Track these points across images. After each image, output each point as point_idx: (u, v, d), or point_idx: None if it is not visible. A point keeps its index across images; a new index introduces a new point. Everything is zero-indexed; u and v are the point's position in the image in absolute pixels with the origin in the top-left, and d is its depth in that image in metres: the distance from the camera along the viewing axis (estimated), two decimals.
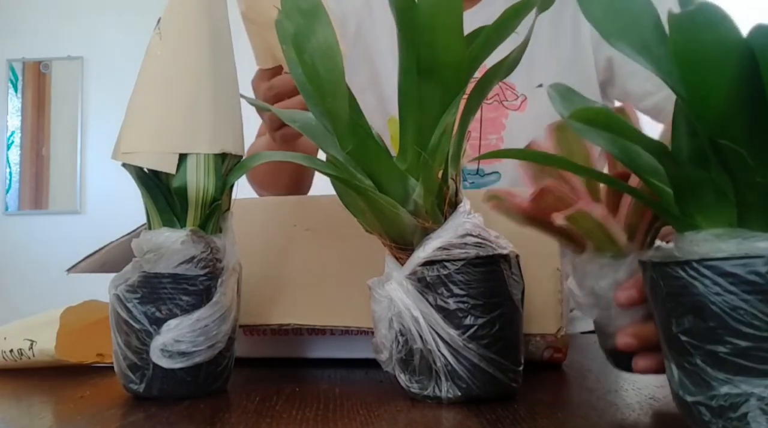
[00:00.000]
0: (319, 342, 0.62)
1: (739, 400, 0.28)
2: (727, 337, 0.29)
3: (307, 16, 0.43)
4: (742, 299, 0.28)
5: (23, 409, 0.46)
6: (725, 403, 0.29)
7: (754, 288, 0.28)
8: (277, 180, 0.92)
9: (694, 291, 0.29)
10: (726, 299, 0.29)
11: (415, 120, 0.44)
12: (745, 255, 0.28)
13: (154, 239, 0.45)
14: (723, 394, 0.29)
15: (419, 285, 0.43)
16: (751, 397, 0.28)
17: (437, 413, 0.41)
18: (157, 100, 0.46)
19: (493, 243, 0.44)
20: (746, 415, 0.28)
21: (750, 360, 0.28)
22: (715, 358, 0.29)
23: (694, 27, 0.27)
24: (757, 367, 0.28)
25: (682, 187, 0.32)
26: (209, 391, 0.47)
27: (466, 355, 0.42)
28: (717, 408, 0.29)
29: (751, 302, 0.28)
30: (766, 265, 0.28)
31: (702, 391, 0.30)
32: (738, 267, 0.28)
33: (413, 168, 0.44)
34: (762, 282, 0.28)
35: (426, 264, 0.43)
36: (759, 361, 0.28)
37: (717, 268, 0.29)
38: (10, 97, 3.35)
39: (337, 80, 0.42)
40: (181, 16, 0.47)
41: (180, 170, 0.45)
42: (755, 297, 0.28)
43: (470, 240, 0.43)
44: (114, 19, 3.27)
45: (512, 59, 0.45)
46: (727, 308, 0.28)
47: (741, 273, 0.28)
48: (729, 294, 0.28)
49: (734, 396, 0.29)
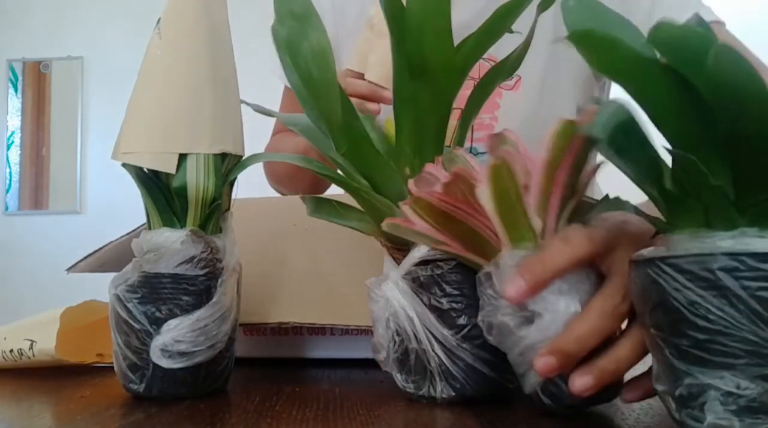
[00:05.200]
0: (319, 342, 0.62)
1: (698, 390, 0.30)
2: (688, 330, 0.30)
3: (300, 20, 0.43)
4: (698, 294, 0.30)
5: (23, 409, 0.46)
6: (686, 393, 0.30)
7: (708, 284, 0.29)
8: (296, 183, 0.97)
9: (659, 288, 0.31)
10: (684, 294, 0.30)
11: (410, 121, 0.44)
12: (699, 253, 0.30)
13: (154, 239, 0.45)
14: (686, 384, 0.30)
15: (414, 284, 0.43)
16: (709, 388, 0.29)
17: (436, 413, 0.41)
18: (157, 100, 0.46)
19: None
20: (704, 405, 0.30)
21: (707, 353, 0.30)
22: (680, 350, 0.31)
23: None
24: (714, 359, 0.29)
25: (661, 192, 0.33)
26: (209, 391, 0.47)
27: (460, 355, 0.42)
28: (680, 398, 0.31)
29: (705, 297, 0.29)
30: (717, 262, 0.29)
31: (670, 382, 0.32)
32: (693, 265, 0.30)
33: (409, 168, 0.44)
34: (713, 278, 0.29)
35: (420, 264, 0.43)
36: (715, 354, 0.29)
37: (676, 266, 0.31)
38: (10, 97, 3.35)
39: (330, 82, 0.43)
40: (181, 16, 0.47)
41: (180, 170, 0.45)
42: (709, 293, 0.29)
43: None
44: (114, 19, 3.28)
45: (513, 59, 0.45)
46: (686, 303, 0.30)
47: (695, 270, 0.30)
48: (687, 290, 0.30)
49: (694, 386, 0.30)
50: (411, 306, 0.43)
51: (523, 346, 0.38)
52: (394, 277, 0.44)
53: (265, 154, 0.48)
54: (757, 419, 0.28)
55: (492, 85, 0.46)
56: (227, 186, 0.48)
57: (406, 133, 0.44)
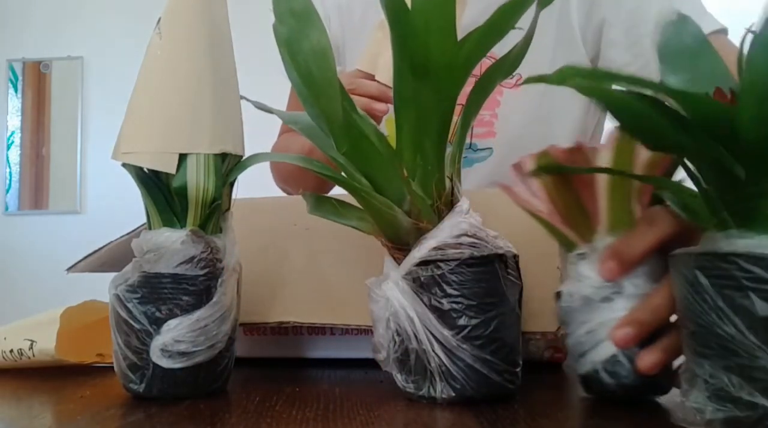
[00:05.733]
0: (319, 342, 0.62)
1: (691, 376, 0.34)
2: (686, 322, 0.34)
3: (300, 19, 0.43)
4: (687, 290, 0.33)
5: (23, 410, 0.46)
6: (688, 377, 0.34)
7: (689, 281, 0.33)
8: (301, 183, 0.97)
9: (677, 281, 0.35)
10: (680, 290, 0.34)
11: (411, 120, 0.44)
12: (684, 253, 0.34)
13: (154, 239, 0.45)
14: (687, 369, 0.34)
15: (414, 285, 0.43)
16: (696, 375, 0.33)
17: (436, 413, 0.41)
18: (157, 100, 0.46)
19: (489, 243, 0.44)
20: (694, 388, 0.33)
21: (696, 343, 0.33)
22: (684, 339, 0.35)
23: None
24: (698, 350, 0.33)
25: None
26: (209, 391, 0.47)
27: (460, 356, 0.42)
28: (684, 380, 0.34)
29: (690, 293, 0.33)
30: (695, 262, 0.33)
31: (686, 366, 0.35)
32: (680, 264, 0.34)
33: (409, 168, 0.44)
34: (691, 276, 0.33)
35: (421, 264, 0.43)
36: (700, 344, 0.33)
37: (676, 265, 0.34)
38: (10, 97, 3.35)
39: (330, 81, 0.43)
40: (181, 16, 0.47)
41: (180, 170, 0.45)
42: (692, 290, 0.33)
43: (465, 240, 0.43)
44: (114, 19, 3.27)
45: (514, 56, 0.45)
46: (681, 297, 0.34)
47: (682, 269, 0.34)
48: (681, 285, 0.34)
49: (689, 372, 0.34)
50: (411, 306, 0.43)
51: (596, 323, 0.41)
52: (394, 277, 0.44)
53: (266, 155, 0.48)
54: (725, 407, 0.31)
55: (492, 84, 0.46)
56: (227, 186, 0.48)
57: (407, 133, 0.44)
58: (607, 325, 0.40)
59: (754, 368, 0.30)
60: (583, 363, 0.42)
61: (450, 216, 0.44)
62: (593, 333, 0.42)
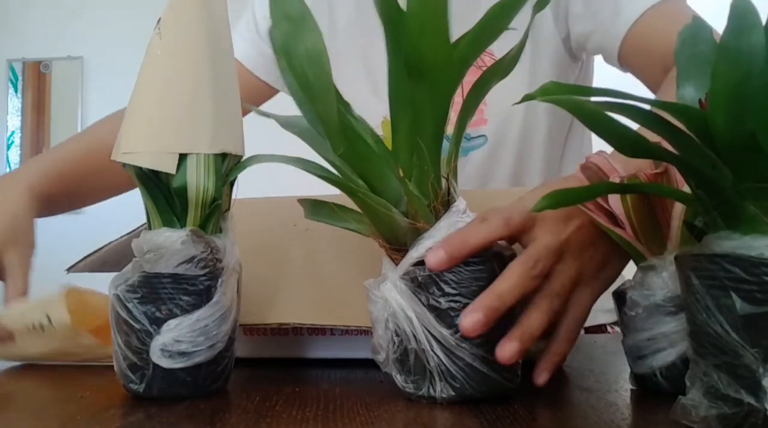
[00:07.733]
0: (319, 342, 0.62)
1: (694, 372, 0.34)
2: (688, 320, 0.35)
3: (295, 23, 0.43)
4: (686, 291, 0.35)
5: (23, 410, 0.46)
6: (692, 372, 0.35)
7: (686, 282, 0.35)
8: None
9: (680, 282, 0.36)
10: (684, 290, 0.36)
11: (407, 121, 0.44)
12: (679, 255, 0.35)
13: (154, 239, 0.45)
14: (690, 365, 0.35)
15: (412, 285, 0.43)
16: (695, 371, 0.34)
17: (436, 413, 0.41)
18: (157, 100, 0.46)
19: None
20: (695, 384, 0.34)
21: (694, 341, 0.34)
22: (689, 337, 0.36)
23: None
24: (695, 347, 0.34)
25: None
26: (209, 391, 0.47)
27: (459, 355, 0.42)
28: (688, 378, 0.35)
29: (687, 294, 0.35)
30: (688, 263, 0.34)
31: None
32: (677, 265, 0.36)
33: (406, 169, 0.44)
34: (685, 277, 0.34)
35: (418, 264, 0.43)
36: (697, 342, 0.34)
37: (677, 265, 0.36)
38: (10, 97, 3.35)
39: (326, 84, 0.43)
40: (181, 16, 0.47)
41: (180, 170, 0.45)
42: (689, 290, 0.34)
43: None
44: (114, 19, 3.27)
45: (510, 58, 0.45)
46: (686, 296, 0.35)
47: (680, 270, 0.36)
48: (684, 286, 0.35)
49: (692, 367, 0.35)
50: (409, 306, 0.43)
51: (658, 332, 0.44)
52: (392, 278, 0.44)
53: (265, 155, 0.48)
54: (716, 404, 0.32)
55: (488, 86, 0.46)
56: (227, 186, 0.48)
57: (402, 133, 0.44)
58: (669, 337, 0.43)
59: (739, 366, 0.31)
60: (640, 364, 0.45)
61: (447, 216, 0.44)
62: (654, 341, 0.44)
